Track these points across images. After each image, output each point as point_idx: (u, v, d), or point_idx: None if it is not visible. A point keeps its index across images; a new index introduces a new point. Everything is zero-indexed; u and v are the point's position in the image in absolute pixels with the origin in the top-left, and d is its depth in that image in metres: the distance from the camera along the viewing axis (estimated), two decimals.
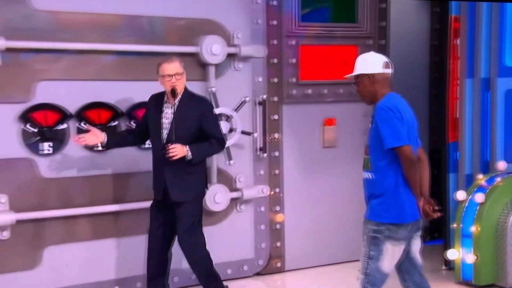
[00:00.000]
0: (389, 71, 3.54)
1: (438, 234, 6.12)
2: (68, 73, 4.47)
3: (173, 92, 4.18)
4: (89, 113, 4.55)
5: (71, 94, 4.49)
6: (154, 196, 4.37)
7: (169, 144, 4.12)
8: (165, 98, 4.30)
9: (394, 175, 3.40)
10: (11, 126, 4.30)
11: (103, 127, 4.54)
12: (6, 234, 4.32)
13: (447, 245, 5.26)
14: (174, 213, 4.30)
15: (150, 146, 4.42)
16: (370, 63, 3.51)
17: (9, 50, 4.21)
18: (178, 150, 4.12)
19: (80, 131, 4.48)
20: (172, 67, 4.19)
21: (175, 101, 4.22)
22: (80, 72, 4.51)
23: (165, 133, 4.24)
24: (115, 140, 4.43)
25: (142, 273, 4.65)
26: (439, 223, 5.88)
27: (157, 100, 4.33)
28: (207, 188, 4.59)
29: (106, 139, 4.31)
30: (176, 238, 4.38)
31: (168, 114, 4.26)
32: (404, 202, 3.40)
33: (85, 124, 4.51)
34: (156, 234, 4.39)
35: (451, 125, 5.33)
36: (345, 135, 5.60)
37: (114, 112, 4.64)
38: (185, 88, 4.29)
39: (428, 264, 5.59)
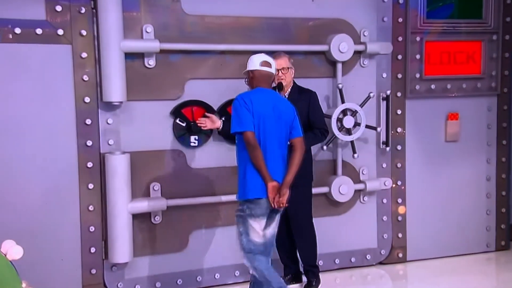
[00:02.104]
0: (265, 69, 4.15)
1: None
2: (212, 72, 4.96)
3: (279, 85, 4.65)
4: (229, 109, 4.91)
5: (214, 92, 4.97)
6: None
7: None
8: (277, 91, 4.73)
9: (245, 157, 4.04)
10: (165, 121, 4.86)
11: None
12: (158, 219, 4.90)
13: None
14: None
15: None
16: (252, 62, 4.20)
17: (162, 51, 4.74)
18: None
19: (223, 125, 4.85)
20: (279, 62, 4.64)
21: (285, 94, 4.68)
22: (222, 71, 4.99)
23: None
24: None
25: (275, 258, 5.04)
26: None
27: None
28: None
29: (221, 125, 4.77)
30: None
31: None
32: (251, 180, 4.01)
33: (226, 119, 4.98)
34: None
35: None
36: (468, 129, 5.79)
37: None
38: (294, 82, 4.73)
39: None
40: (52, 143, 4.58)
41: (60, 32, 4.54)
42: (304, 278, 5.02)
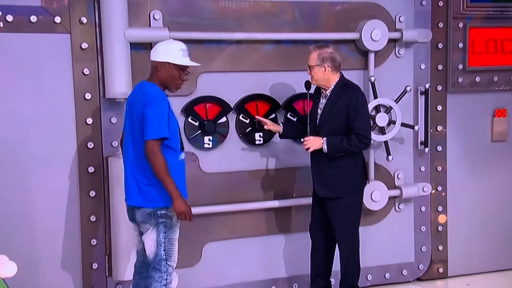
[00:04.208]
0: None
1: None
2: (228, 65, 4.86)
3: (306, 84, 4.63)
4: (247, 106, 4.94)
5: (231, 86, 4.89)
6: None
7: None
8: (321, 89, 4.65)
9: None
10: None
11: None
12: None
13: None
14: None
15: None
16: None
17: None
18: (311, 142, 4.51)
19: (240, 124, 4.91)
20: (309, 58, 4.57)
21: (327, 92, 4.57)
22: (240, 63, 4.90)
23: (317, 124, 4.61)
24: (289, 130, 4.83)
25: (303, 273, 5.03)
26: None
27: (318, 90, 4.69)
28: (368, 182, 4.77)
29: (282, 130, 4.78)
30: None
31: (322, 104, 4.62)
32: None
33: (244, 117, 4.91)
34: (315, 230, 4.78)
35: None
36: None
37: (272, 104, 4.99)
38: (341, 77, 4.59)
39: None
40: (48, 145, 4.52)
41: (57, 19, 4.47)
42: None
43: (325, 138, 4.48)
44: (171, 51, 3.96)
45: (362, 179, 4.72)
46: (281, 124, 4.80)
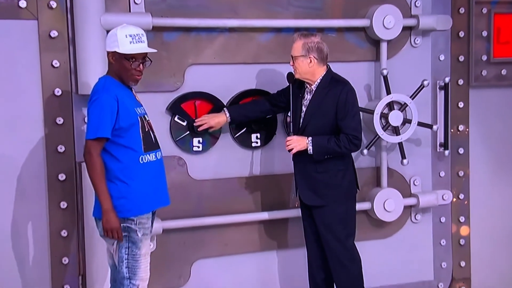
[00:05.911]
0: None
1: None
2: (220, 56, 4.75)
3: (288, 76, 4.52)
4: (242, 103, 4.80)
5: (223, 81, 4.77)
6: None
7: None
8: (306, 83, 4.53)
9: None
10: (160, 119, 4.60)
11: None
12: (152, 246, 4.56)
13: None
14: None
15: None
16: None
17: (156, 29, 4.48)
18: (294, 143, 4.43)
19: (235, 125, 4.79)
20: (293, 47, 4.45)
21: (312, 87, 4.47)
22: (234, 54, 4.79)
23: (302, 122, 4.53)
24: (241, 113, 4.70)
25: None
26: None
27: (301, 84, 4.56)
28: (358, 189, 4.68)
29: (229, 116, 4.61)
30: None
31: (306, 101, 4.52)
32: None
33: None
34: (310, 242, 4.67)
35: None
36: None
37: None
38: (328, 70, 4.48)
39: None
40: (11, 149, 4.39)
41: (22, 3, 4.34)
42: None
43: (310, 138, 4.40)
44: (117, 39, 3.83)
45: (353, 185, 4.59)
46: (225, 111, 4.63)
